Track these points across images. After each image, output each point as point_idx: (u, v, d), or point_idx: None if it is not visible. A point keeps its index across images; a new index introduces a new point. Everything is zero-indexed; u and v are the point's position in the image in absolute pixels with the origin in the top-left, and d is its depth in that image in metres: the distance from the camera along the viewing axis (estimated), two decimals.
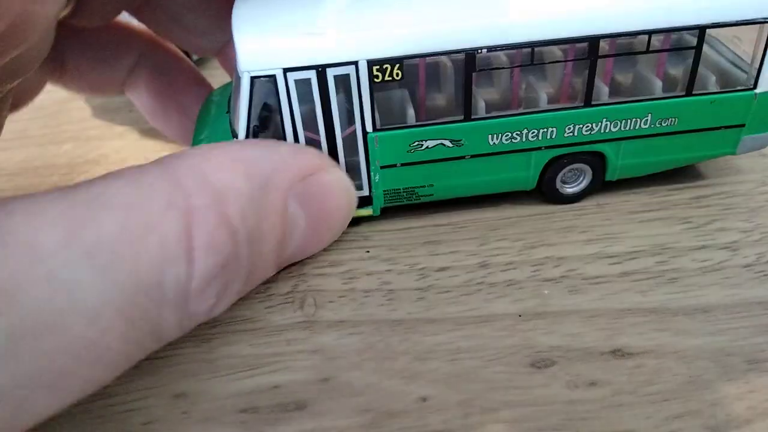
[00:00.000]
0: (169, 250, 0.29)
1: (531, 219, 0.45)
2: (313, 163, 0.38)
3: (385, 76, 0.39)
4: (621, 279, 0.39)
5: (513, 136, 0.42)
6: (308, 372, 0.35)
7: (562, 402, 0.33)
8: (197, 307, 0.31)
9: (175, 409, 0.34)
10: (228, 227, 0.31)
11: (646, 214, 0.44)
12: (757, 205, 0.44)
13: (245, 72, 0.38)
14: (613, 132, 0.43)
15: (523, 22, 0.39)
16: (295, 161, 0.37)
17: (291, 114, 0.39)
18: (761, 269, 0.39)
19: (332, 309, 0.39)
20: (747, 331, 0.36)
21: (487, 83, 0.45)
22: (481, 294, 0.39)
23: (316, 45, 0.38)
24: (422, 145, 0.42)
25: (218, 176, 0.32)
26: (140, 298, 0.28)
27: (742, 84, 0.42)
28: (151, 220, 0.28)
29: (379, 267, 0.41)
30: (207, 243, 0.30)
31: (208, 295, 0.31)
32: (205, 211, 0.30)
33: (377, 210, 0.44)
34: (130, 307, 0.27)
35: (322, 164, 0.38)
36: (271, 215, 0.34)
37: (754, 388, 0.33)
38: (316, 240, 0.40)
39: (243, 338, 0.37)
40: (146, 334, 0.29)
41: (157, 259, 0.28)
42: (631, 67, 0.45)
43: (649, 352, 0.35)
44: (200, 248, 0.30)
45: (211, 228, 0.30)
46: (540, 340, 0.36)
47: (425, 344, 0.36)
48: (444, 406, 0.33)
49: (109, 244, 0.27)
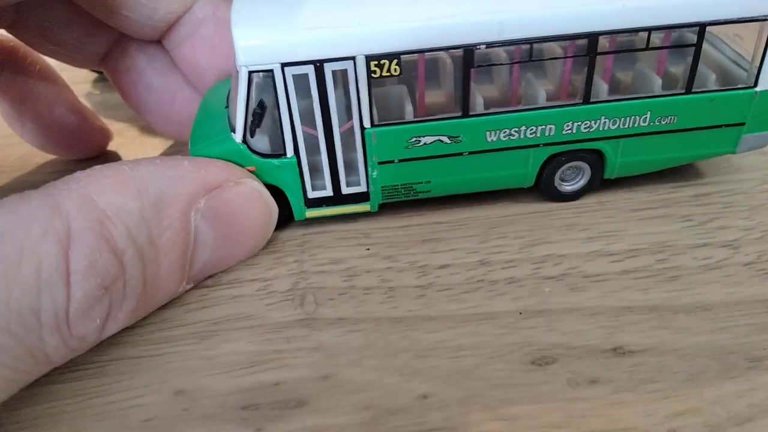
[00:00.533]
0: (45, 276, 0.29)
1: (531, 216, 0.44)
2: (219, 176, 0.38)
3: (382, 72, 0.39)
4: (622, 277, 0.39)
5: (511, 133, 0.42)
6: (308, 369, 0.35)
7: (563, 400, 0.33)
8: (83, 329, 0.31)
9: (175, 406, 0.33)
10: (111, 247, 0.32)
11: (646, 211, 0.44)
12: (758, 202, 0.44)
13: (243, 66, 0.38)
14: (612, 130, 0.43)
15: (522, 18, 0.38)
16: (195, 176, 0.37)
17: (289, 109, 0.39)
18: (762, 267, 0.39)
19: (332, 306, 0.39)
20: (748, 329, 0.36)
21: (486, 80, 0.45)
22: (481, 291, 0.39)
23: (314, 40, 0.38)
24: (420, 141, 0.41)
25: (104, 197, 0.32)
26: (13, 327, 0.29)
27: (743, 82, 0.42)
28: (26, 247, 0.29)
29: (380, 264, 0.41)
30: (85, 266, 0.30)
31: (92, 316, 0.31)
32: (84, 234, 0.31)
33: (375, 206, 0.44)
34: (4, 337, 0.28)
35: (229, 176, 0.38)
36: (168, 231, 0.35)
37: (755, 386, 0.33)
38: (231, 252, 0.40)
39: (243, 335, 0.37)
40: (26, 359, 0.30)
41: (31, 286, 0.29)
42: (631, 64, 0.45)
43: (650, 350, 0.35)
44: (78, 272, 0.30)
45: (90, 250, 0.31)
46: (540, 337, 0.36)
47: (426, 342, 0.36)
48: (444, 404, 0.33)
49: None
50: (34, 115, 0.51)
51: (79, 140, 0.54)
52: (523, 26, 0.39)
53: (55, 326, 0.30)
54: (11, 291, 0.28)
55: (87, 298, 0.31)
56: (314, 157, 0.42)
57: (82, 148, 0.54)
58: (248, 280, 0.41)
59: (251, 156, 0.41)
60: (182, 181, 0.36)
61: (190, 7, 0.47)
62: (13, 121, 0.52)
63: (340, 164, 0.42)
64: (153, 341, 0.37)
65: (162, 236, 0.34)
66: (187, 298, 0.40)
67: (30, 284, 0.29)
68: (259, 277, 0.41)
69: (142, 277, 0.34)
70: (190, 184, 0.36)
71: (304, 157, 0.41)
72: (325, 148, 0.42)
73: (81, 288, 0.30)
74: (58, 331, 0.30)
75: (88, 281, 0.31)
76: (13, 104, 0.51)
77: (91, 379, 0.35)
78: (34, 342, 0.30)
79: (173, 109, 0.52)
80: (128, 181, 0.34)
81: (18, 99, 0.51)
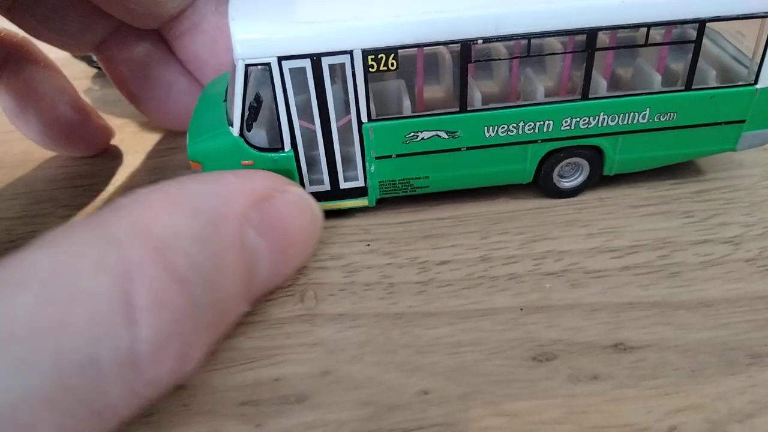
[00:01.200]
0: (102, 318, 0.25)
1: (532, 213, 0.44)
2: (265, 186, 0.35)
3: (380, 66, 0.39)
4: (622, 273, 0.39)
5: (509, 128, 0.42)
6: (309, 365, 0.35)
7: (564, 396, 0.33)
8: (155, 373, 0.27)
9: (175, 402, 0.33)
10: (176, 277, 0.28)
11: (647, 208, 0.44)
12: (759, 199, 0.44)
13: (240, 60, 0.38)
14: (611, 126, 0.42)
15: (519, 12, 0.38)
16: (243, 188, 0.34)
17: (286, 103, 0.39)
18: (763, 263, 0.39)
19: (333, 302, 0.38)
20: (749, 326, 0.35)
21: (485, 75, 0.45)
22: (482, 288, 0.39)
23: (311, 34, 0.38)
24: (418, 137, 0.41)
25: (158, 222, 0.29)
26: (72, 381, 0.25)
27: (743, 79, 0.42)
28: (76, 287, 0.25)
29: (380, 260, 0.41)
30: (152, 301, 0.26)
31: (166, 357, 0.27)
32: (145, 265, 0.27)
33: (372, 201, 0.44)
34: (60, 393, 0.24)
35: (275, 185, 0.36)
36: (228, 251, 0.31)
37: (756, 383, 0.33)
38: (284, 266, 0.36)
39: (243, 331, 0.37)
40: (91, 416, 0.26)
41: (86, 332, 0.25)
42: (631, 60, 0.44)
43: (651, 346, 0.35)
44: (144, 308, 0.26)
45: (155, 282, 0.27)
46: (541, 333, 0.36)
47: (426, 338, 0.36)
48: (445, 400, 0.33)
49: (24, 326, 0.24)
50: (38, 111, 0.51)
51: (81, 138, 0.54)
52: (520, 21, 0.38)
53: (119, 375, 0.26)
54: (62, 340, 0.24)
55: (157, 337, 0.27)
56: (312, 152, 0.42)
57: (84, 145, 0.54)
58: None
59: (249, 150, 0.41)
60: (233, 195, 0.33)
61: (194, 1, 0.47)
62: (17, 118, 0.52)
63: (338, 159, 0.42)
64: None
65: (223, 257, 0.31)
66: None
67: (83, 332, 0.25)
68: None
69: (210, 305, 0.30)
70: (241, 198, 0.33)
71: (301, 151, 0.41)
72: (322, 143, 0.41)
73: (149, 326, 0.26)
74: (124, 381, 0.26)
75: (157, 317, 0.27)
76: (17, 100, 0.51)
77: None
78: (96, 397, 0.26)
79: (169, 99, 0.52)
80: (179, 202, 0.30)
81: (22, 95, 0.50)
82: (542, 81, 0.42)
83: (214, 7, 0.48)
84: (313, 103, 0.40)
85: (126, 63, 0.51)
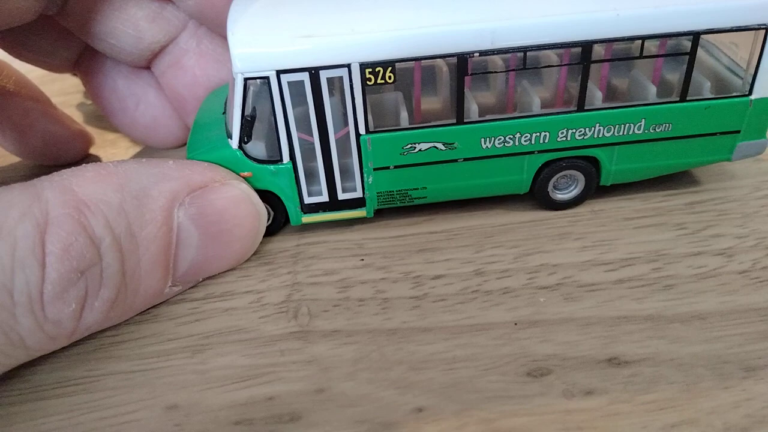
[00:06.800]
0: (19, 256, 0.31)
1: (526, 226, 0.44)
2: (204, 176, 0.38)
3: (377, 79, 0.39)
4: (616, 286, 0.39)
5: (506, 139, 0.42)
6: (303, 383, 0.35)
7: (559, 411, 0.32)
8: (57, 313, 0.32)
9: (168, 422, 0.33)
10: (87, 234, 0.33)
11: (640, 220, 0.44)
12: (751, 210, 0.44)
13: (239, 74, 0.38)
14: (607, 137, 0.43)
15: (515, 26, 0.38)
16: (179, 174, 0.37)
17: (285, 115, 0.39)
18: (757, 275, 0.39)
19: (326, 318, 0.38)
20: (743, 338, 0.35)
21: (481, 87, 0.45)
22: (476, 302, 0.39)
23: (310, 47, 0.38)
24: (415, 148, 0.41)
25: (85, 188, 0.34)
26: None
27: (738, 90, 0.42)
28: (3, 228, 0.31)
29: (374, 275, 0.41)
30: (60, 249, 0.32)
31: (67, 300, 0.32)
32: (62, 219, 0.32)
33: (371, 212, 0.44)
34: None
35: (215, 177, 0.39)
36: (149, 225, 0.35)
37: (750, 396, 0.33)
38: (218, 254, 0.40)
39: (236, 349, 0.37)
40: (5, 343, 0.31)
41: (6, 265, 0.30)
42: (627, 72, 0.45)
43: (646, 360, 0.35)
44: (52, 254, 0.31)
45: (68, 235, 0.32)
46: (536, 348, 0.36)
47: (420, 354, 0.36)
48: (439, 417, 0.33)
49: None
50: (11, 124, 0.51)
51: (58, 146, 0.54)
52: (516, 34, 0.39)
53: (28, 306, 0.31)
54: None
55: (61, 280, 0.32)
56: (310, 163, 0.42)
57: (63, 153, 0.54)
58: (241, 293, 0.40)
59: (248, 162, 0.41)
60: (165, 178, 0.37)
61: (175, 37, 0.48)
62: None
63: (336, 170, 0.42)
64: (145, 355, 0.37)
65: (142, 229, 0.35)
66: (179, 311, 0.39)
67: (4, 263, 0.30)
68: (252, 289, 0.41)
69: (120, 267, 0.34)
70: (173, 182, 0.37)
71: (300, 163, 0.41)
72: (320, 155, 0.42)
73: (55, 270, 0.31)
74: (32, 312, 0.31)
75: (63, 264, 0.32)
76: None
77: (82, 394, 0.35)
78: (8, 321, 0.31)
79: (137, 112, 0.53)
80: (110, 175, 0.35)
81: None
82: (538, 93, 0.42)
83: (195, 44, 0.49)
84: (311, 115, 0.40)
85: (96, 76, 0.52)
